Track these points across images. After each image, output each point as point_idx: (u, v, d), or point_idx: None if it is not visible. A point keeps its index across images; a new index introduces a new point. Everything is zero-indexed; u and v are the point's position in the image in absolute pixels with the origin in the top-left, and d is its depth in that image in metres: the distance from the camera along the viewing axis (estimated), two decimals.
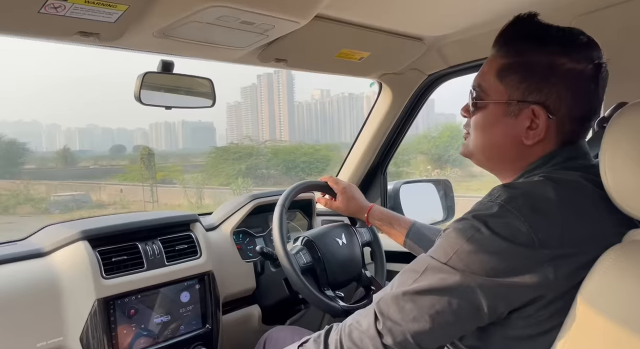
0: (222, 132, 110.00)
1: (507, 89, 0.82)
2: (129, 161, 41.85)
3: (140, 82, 1.15)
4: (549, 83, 0.79)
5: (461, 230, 0.74)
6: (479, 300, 0.71)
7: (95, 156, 47.50)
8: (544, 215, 0.72)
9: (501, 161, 0.88)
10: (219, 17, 0.98)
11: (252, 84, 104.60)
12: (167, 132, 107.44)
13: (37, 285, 1.18)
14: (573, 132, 0.83)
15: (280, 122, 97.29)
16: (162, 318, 1.34)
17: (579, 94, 0.80)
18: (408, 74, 1.69)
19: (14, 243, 1.35)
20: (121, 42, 1.07)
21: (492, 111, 0.85)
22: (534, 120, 0.81)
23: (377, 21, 1.30)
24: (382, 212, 1.45)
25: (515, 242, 0.70)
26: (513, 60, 0.82)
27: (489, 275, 0.70)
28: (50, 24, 0.91)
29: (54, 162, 38.96)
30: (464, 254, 0.72)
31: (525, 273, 0.70)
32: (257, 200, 1.67)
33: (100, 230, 1.31)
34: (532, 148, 0.83)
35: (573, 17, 1.26)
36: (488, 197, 0.76)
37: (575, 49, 0.80)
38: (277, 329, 1.35)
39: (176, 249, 1.40)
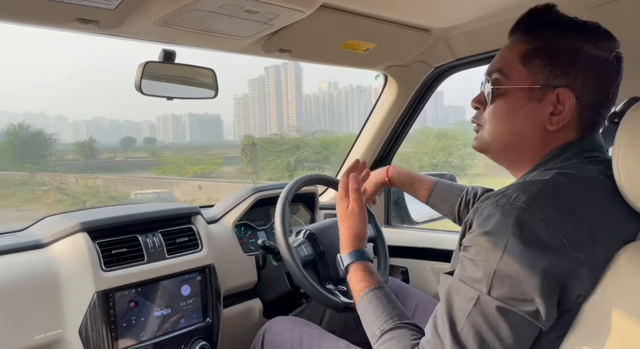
0: (229, 125, 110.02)
1: (530, 73, 0.81)
2: (150, 152, 40.83)
3: (141, 71, 1.13)
4: (575, 68, 0.79)
5: (488, 249, 0.71)
6: (539, 320, 0.69)
7: (112, 148, 46.96)
8: (568, 215, 0.70)
9: (520, 149, 0.85)
10: (222, 6, 0.95)
11: (259, 76, 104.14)
12: (174, 125, 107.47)
13: (36, 277, 1.17)
14: (592, 120, 0.82)
15: (288, 115, 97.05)
16: (162, 311, 1.32)
17: (602, 81, 0.80)
18: (414, 66, 1.66)
19: (14, 234, 1.34)
20: (122, 30, 1.04)
21: (515, 96, 0.83)
22: (556, 106, 0.79)
23: (383, 12, 1.27)
24: (401, 174, 1.45)
25: (548, 246, 0.68)
26: (537, 45, 0.81)
27: (541, 293, 0.67)
28: (49, 11, 0.88)
29: (74, 155, 37.34)
30: (502, 279, 0.69)
31: (566, 278, 0.69)
32: (259, 193, 1.65)
33: (100, 222, 1.29)
34: (554, 135, 0.81)
35: (586, 9, 1.23)
36: (504, 198, 0.73)
37: (598, 38, 0.81)
38: (277, 320, 1.34)
39: (177, 241, 1.39)
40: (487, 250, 0.71)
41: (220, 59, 25.55)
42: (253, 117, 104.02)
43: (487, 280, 0.70)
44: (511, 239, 0.69)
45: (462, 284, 0.73)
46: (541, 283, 0.67)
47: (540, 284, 0.67)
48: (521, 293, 0.68)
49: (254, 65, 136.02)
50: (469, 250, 0.75)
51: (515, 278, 0.68)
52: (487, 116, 0.87)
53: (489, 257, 0.70)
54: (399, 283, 1.62)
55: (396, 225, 1.97)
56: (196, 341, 1.38)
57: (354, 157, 1.91)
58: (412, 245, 1.82)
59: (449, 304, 0.74)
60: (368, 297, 0.95)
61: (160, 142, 79.62)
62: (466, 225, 0.79)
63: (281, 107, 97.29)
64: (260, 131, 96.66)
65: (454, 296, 0.74)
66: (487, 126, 0.87)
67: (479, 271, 0.72)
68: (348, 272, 1.05)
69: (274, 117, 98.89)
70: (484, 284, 0.70)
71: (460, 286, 0.74)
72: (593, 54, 0.79)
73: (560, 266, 0.68)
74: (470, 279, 0.73)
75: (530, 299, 0.68)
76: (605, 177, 0.77)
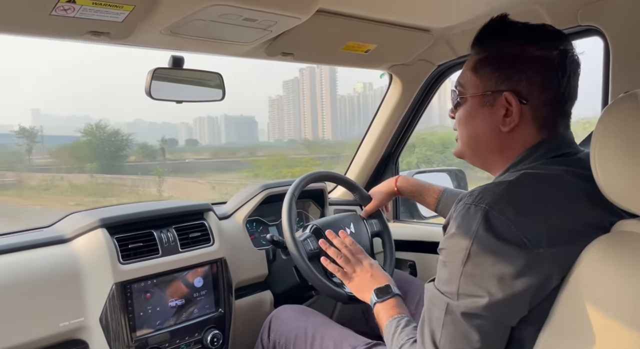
0: (263, 127, 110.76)
1: (481, 81, 0.87)
2: (211, 153, 40.43)
3: (151, 77, 1.20)
4: (518, 70, 0.83)
5: (455, 251, 0.76)
6: (504, 318, 0.73)
7: (171, 150, 46.45)
8: (528, 215, 0.74)
9: (486, 152, 0.91)
10: (221, 15, 1.02)
11: (294, 77, 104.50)
12: (210, 126, 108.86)
13: (60, 269, 1.26)
14: (550, 118, 0.85)
15: (323, 116, 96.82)
16: (176, 302, 1.40)
17: (548, 79, 0.83)
18: (417, 65, 1.69)
19: (41, 229, 1.43)
20: (131, 40, 1.12)
21: (471, 104, 0.89)
22: (508, 108, 0.84)
23: (381, 14, 1.31)
24: (410, 183, 1.53)
25: (511, 245, 0.72)
26: (485, 54, 0.88)
27: (503, 290, 0.72)
28: (62, 25, 0.97)
29: (137, 156, 37.02)
30: (467, 278, 0.74)
31: (529, 274, 0.71)
32: (268, 190, 1.71)
33: (118, 218, 1.38)
34: (511, 136, 0.86)
35: (580, 6, 1.25)
36: (470, 198, 0.78)
37: (541, 38, 0.85)
38: (283, 309, 1.41)
39: (190, 236, 1.47)
40: (454, 252, 0.76)
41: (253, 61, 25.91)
42: (287, 118, 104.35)
43: (456, 281, 0.75)
44: (475, 240, 0.73)
45: (437, 293, 0.78)
46: (504, 280, 0.71)
47: (503, 281, 0.71)
48: (485, 291, 0.72)
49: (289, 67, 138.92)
50: (441, 252, 0.81)
51: (479, 276, 0.73)
52: (456, 124, 0.94)
53: (456, 258, 0.76)
54: (405, 276, 1.67)
55: (405, 220, 2.01)
56: (209, 330, 1.45)
57: (362, 155, 1.96)
58: (419, 239, 1.86)
59: (429, 315, 0.79)
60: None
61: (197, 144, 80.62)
62: (444, 229, 0.84)
63: (315, 108, 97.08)
64: (295, 132, 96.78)
65: (432, 307, 0.79)
66: (458, 133, 0.94)
67: (448, 272, 0.77)
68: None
69: (308, 119, 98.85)
70: (453, 285, 0.75)
71: (435, 296, 0.79)
72: (535, 55, 0.83)
73: (522, 262, 0.71)
74: (443, 283, 0.78)
75: (494, 296, 0.72)
76: (569, 175, 0.80)
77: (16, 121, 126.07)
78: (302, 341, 1.27)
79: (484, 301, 0.72)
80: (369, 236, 1.58)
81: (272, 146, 55.73)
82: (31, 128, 37.85)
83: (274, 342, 1.35)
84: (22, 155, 36.05)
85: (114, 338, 1.27)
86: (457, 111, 0.93)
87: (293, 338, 1.30)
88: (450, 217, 0.82)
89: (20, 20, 0.94)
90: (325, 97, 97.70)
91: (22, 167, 33.75)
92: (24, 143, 35.24)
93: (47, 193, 23.44)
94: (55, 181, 27.05)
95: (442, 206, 1.46)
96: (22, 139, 35.18)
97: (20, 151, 36.36)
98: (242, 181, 22.50)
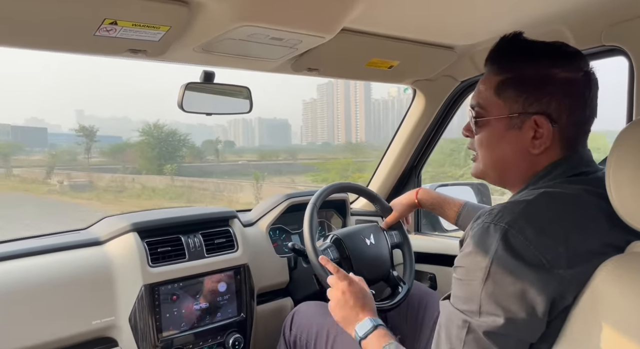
0: (296, 130, 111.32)
1: (506, 103, 0.86)
2: (259, 155, 39.17)
3: (183, 91, 1.28)
4: (547, 92, 0.83)
5: (475, 269, 0.75)
6: (525, 335, 0.74)
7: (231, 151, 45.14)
8: (548, 235, 0.74)
9: (511, 173, 0.90)
10: (250, 35, 1.08)
11: (328, 81, 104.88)
12: (244, 128, 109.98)
13: (94, 270, 1.34)
14: (574, 138, 0.86)
15: (357, 120, 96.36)
16: (200, 305, 1.46)
17: (576, 101, 0.84)
18: (441, 81, 1.72)
19: (77, 232, 1.52)
20: (166, 57, 1.20)
21: (495, 126, 0.88)
22: (537, 130, 0.84)
23: (405, 32, 1.35)
24: (431, 196, 1.54)
25: (529, 266, 0.72)
26: (507, 75, 0.86)
27: (525, 309, 0.72)
28: (104, 44, 1.05)
29: (188, 157, 36.92)
30: (488, 298, 0.74)
31: (547, 293, 0.72)
32: (291, 199, 1.77)
33: (149, 223, 1.45)
34: (539, 157, 0.86)
35: (604, 27, 1.26)
36: (489, 217, 0.78)
37: (565, 60, 0.84)
38: (307, 304, 1.44)
39: (215, 242, 1.53)
40: (473, 270, 0.75)
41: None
42: (321, 122, 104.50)
43: (476, 299, 0.74)
44: (495, 259, 0.73)
45: (456, 312, 0.77)
46: (524, 299, 0.72)
47: (523, 300, 0.72)
48: (506, 310, 0.72)
49: None
50: (457, 271, 0.80)
51: (499, 295, 0.73)
52: (476, 145, 0.93)
53: (475, 276, 0.75)
54: (425, 289, 1.67)
55: (426, 232, 2.02)
56: (231, 334, 1.51)
57: (385, 166, 1.99)
58: (441, 252, 1.87)
59: (448, 333, 0.78)
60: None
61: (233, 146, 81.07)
62: (461, 244, 0.84)
63: (349, 112, 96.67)
64: (328, 135, 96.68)
65: (450, 325, 0.78)
66: (479, 154, 0.93)
67: (467, 290, 0.76)
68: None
69: (342, 122, 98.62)
70: (472, 305, 0.75)
71: (454, 314, 0.78)
72: (562, 77, 0.82)
73: (541, 282, 0.72)
74: (462, 302, 0.77)
75: (515, 315, 0.72)
76: (589, 194, 0.80)
77: (63, 121, 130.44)
78: (324, 339, 1.29)
79: (505, 319, 0.72)
80: (389, 247, 1.60)
81: (311, 149, 55.13)
82: (90, 127, 37.08)
83: (295, 336, 1.38)
84: (79, 154, 36.02)
85: (142, 338, 1.34)
86: (477, 132, 0.92)
87: (314, 334, 1.32)
88: (467, 234, 0.82)
89: (66, 39, 1.02)
90: (360, 101, 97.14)
91: (81, 166, 33.67)
92: (83, 142, 35.17)
93: (122, 196, 23.58)
94: (126, 182, 26.79)
95: (462, 219, 1.46)
96: (81, 138, 35.17)
97: (76, 150, 36.54)
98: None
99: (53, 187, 27.24)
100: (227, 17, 1.00)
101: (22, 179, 31.37)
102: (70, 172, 31.04)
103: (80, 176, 30.09)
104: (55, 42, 1.04)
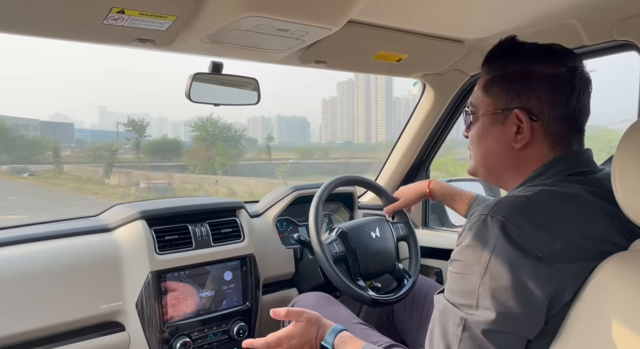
0: (315, 127, 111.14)
1: (492, 100, 0.90)
2: (300, 154, 36.21)
3: (191, 81, 1.29)
4: (527, 88, 0.85)
5: (472, 263, 0.75)
6: (523, 331, 0.73)
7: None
8: (545, 230, 0.74)
9: (500, 169, 0.92)
10: (256, 26, 1.09)
11: (348, 79, 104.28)
12: (263, 126, 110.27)
13: (103, 256, 1.37)
14: (562, 134, 0.86)
15: (377, 118, 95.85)
16: (206, 293, 1.49)
17: (557, 96, 0.85)
18: (450, 75, 1.71)
19: (88, 218, 1.56)
20: (174, 47, 1.21)
21: (483, 122, 0.92)
22: (520, 125, 0.86)
23: (413, 25, 1.34)
24: (443, 187, 1.57)
25: (528, 257, 0.72)
26: (495, 74, 0.90)
27: (524, 303, 0.71)
28: (112, 33, 1.07)
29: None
30: (486, 292, 0.73)
31: (546, 287, 0.71)
32: (298, 191, 1.78)
33: (157, 211, 1.48)
34: (524, 153, 0.87)
35: (615, 21, 1.24)
36: (486, 210, 0.78)
37: (549, 56, 0.86)
38: (307, 295, 1.46)
39: (222, 232, 1.55)
40: (471, 264, 0.75)
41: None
42: (340, 120, 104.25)
43: (474, 294, 0.74)
44: (494, 252, 0.73)
45: (451, 307, 0.77)
46: (521, 293, 0.71)
47: (521, 294, 0.71)
48: (503, 305, 0.72)
49: None
50: (454, 264, 0.79)
51: (497, 289, 0.72)
52: (469, 143, 0.97)
53: (473, 270, 0.74)
54: (431, 283, 1.67)
55: (433, 227, 2.02)
56: (235, 322, 1.53)
57: (394, 160, 1.99)
58: (448, 247, 1.87)
59: (443, 329, 0.77)
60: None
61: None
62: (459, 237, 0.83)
63: (370, 110, 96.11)
64: (347, 134, 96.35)
65: (445, 321, 0.77)
66: (471, 151, 0.97)
67: (464, 284, 0.76)
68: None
69: (362, 121, 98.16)
70: (470, 299, 0.74)
71: (448, 309, 0.77)
72: (543, 72, 0.85)
73: (540, 276, 0.71)
74: (458, 296, 0.76)
75: (513, 310, 0.71)
76: (587, 193, 0.80)
77: (86, 118, 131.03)
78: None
79: (502, 314, 0.72)
80: (394, 240, 1.60)
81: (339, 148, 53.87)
82: (140, 121, 33.71)
83: None
84: (128, 151, 31.94)
85: (148, 323, 1.37)
86: (469, 130, 0.96)
87: None
88: (464, 228, 0.81)
89: (74, 28, 1.04)
90: (381, 99, 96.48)
91: (131, 164, 30.16)
92: (133, 138, 31.24)
93: None
94: (206, 184, 23.23)
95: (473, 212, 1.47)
96: (131, 133, 31.17)
97: (114, 146, 32.11)
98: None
99: (127, 190, 22.33)
100: (232, 7, 1.01)
101: (76, 178, 27.14)
102: (130, 171, 27.46)
103: (161, 178, 25.47)
104: (63, 30, 1.06)
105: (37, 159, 33.01)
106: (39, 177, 27.20)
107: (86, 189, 23.45)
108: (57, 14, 0.97)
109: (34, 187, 24.73)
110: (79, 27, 1.04)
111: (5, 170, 29.01)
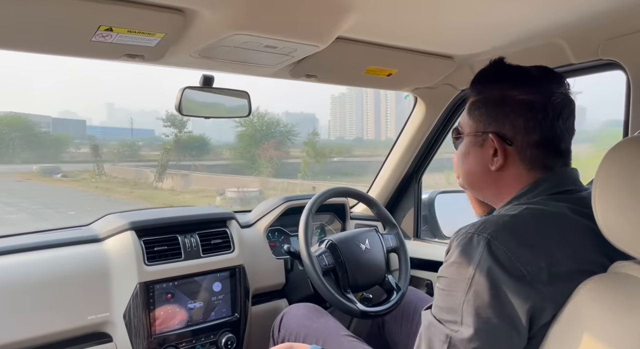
0: (324, 123, 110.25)
1: (474, 122, 0.92)
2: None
3: (181, 95, 1.30)
4: (502, 113, 0.88)
5: (457, 280, 0.76)
6: (507, 346, 0.74)
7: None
8: (530, 248, 0.75)
9: (482, 187, 0.96)
10: (244, 43, 1.10)
11: None
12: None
13: (91, 266, 1.37)
14: (538, 159, 0.87)
15: (387, 115, 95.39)
16: (195, 304, 1.49)
17: (530, 122, 0.86)
18: (441, 89, 1.72)
19: (79, 228, 1.56)
20: (163, 62, 1.23)
21: (466, 142, 0.95)
22: (497, 148, 0.88)
23: (402, 41, 1.35)
24: None
25: (511, 276, 0.73)
26: (477, 97, 0.93)
27: (508, 321, 0.72)
28: (101, 49, 1.08)
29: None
30: (470, 309, 0.74)
31: (527, 306, 0.72)
32: (289, 202, 1.79)
33: (146, 222, 1.48)
34: (501, 175, 0.89)
35: (601, 41, 1.25)
36: (472, 228, 0.79)
37: (526, 83, 0.88)
38: (296, 306, 1.46)
39: (212, 243, 1.56)
40: (456, 280, 0.76)
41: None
42: (349, 116, 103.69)
43: (458, 310, 0.75)
44: (478, 269, 0.74)
45: (437, 323, 0.77)
46: (505, 311, 0.72)
47: (505, 312, 0.72)
48: (487, 322, 0.72)
49: None
50: (440, 281, 0.80)
51: (480, 306, 0.73)
52: (455, 161, 1.01)
53: (458, 287, 0.75)
54: (421, 295, 1.68)
55: (425, 238, 2.03)
56: (224, 333, 1.53)
57: (386, 172, 2.00)
58: (439, 259, 1.87)
59: (429, 346, 0.78)
60: None
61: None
62: (446, 255, 0.84)
63: (379, 107, 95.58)
64: (357, 131, 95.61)
65: (432, 337, 0.78)
66: (458, 169, 1.01)
67: (449, 301, 0.76)
68: None
69: (371, 117, 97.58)
70: (454, 315, 0.75)
71: (434, 325, 0.78)
72: (518, 99, 0.87)
73: (521, 295, 0.72)
74: (444, 312, 0.77)
75: (496, 327, 0.72)
76: (572, 213, 0.81)
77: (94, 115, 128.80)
78: (312, 343, 1.31)
79: (485, 332, 0.72)
80: (384, 252, 1.61)
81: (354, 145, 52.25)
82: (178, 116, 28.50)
83: (282, 338, 1.40)
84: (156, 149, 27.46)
85: (135, 334, 1.37)
86: (456, 149, 1.00)
87: (302, 338, 1.34)
88: (450, 245, 0.82)
89: (63, 44, 1.06)
90: (390, 95, 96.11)
91: (189, 166, 25.99)
92: (172, 133, 26.23)
93: None
94: (299, 192, 17.95)
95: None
96: (170, 128, 26.22)
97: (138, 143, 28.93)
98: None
99: (202, 198, 17.86)
100: (220, 25, 1.02)
101: (122, 181, 23.37)
102: (186, 172, 23.93)
103: (254, 185, 20.98)
104: (53, 47, 1.07)
105: (62, 157, 30.03)
106: (74, 179, 23.71)
107: (148, 195, 19.10)
108: (45, 31, 0.98)
109: (82, 193, 20.19)
110: (68, 44, 1.05)
111: (36, 171, 25.03)
